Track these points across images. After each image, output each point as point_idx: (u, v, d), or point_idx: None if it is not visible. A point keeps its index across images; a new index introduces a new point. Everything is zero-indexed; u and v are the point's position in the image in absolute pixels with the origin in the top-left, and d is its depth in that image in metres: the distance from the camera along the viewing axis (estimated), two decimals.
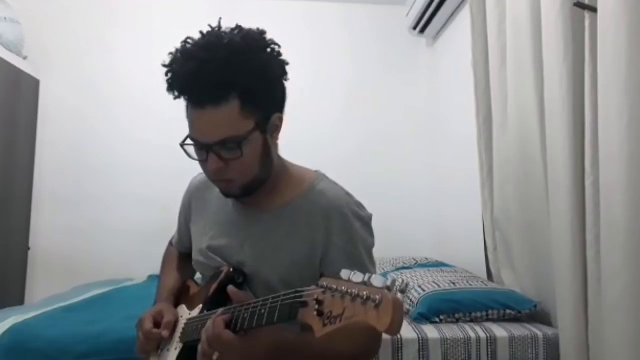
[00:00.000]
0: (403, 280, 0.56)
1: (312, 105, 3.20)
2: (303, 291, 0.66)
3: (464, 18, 2.54)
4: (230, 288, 0.85)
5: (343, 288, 0.57)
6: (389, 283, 0.54)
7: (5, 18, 2.82)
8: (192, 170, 1.16)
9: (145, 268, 2.76)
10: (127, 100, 3.23)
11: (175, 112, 1.15)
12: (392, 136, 3.41)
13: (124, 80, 3.24)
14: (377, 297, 0.52)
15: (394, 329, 0.50)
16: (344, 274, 0.59)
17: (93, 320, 1.81)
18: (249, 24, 0.93)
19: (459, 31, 2.81)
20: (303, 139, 2.65)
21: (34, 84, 3.08)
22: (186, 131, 0.91)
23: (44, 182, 3.13)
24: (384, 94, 3.44)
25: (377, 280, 0.55)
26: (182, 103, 0.92)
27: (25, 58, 3.02)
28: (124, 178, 3.19)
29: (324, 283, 0.62)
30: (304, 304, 0.64)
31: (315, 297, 0.61)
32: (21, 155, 2.97)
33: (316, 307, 0.60)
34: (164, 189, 3.02)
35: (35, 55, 3.09)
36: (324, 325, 0.59)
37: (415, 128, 3.42)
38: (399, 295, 0.53)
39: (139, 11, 3.32)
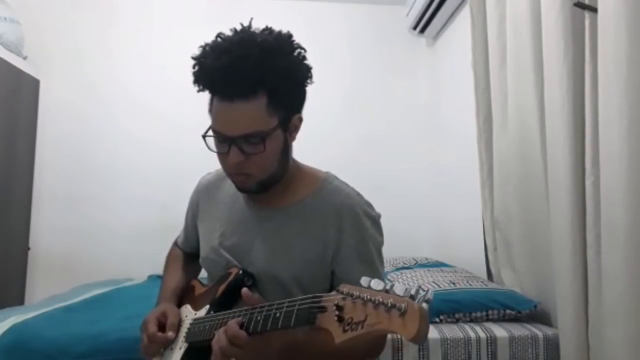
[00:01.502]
0: (428, 290, 0.56)
1: (312, 105, 3.18)
2: (321, 296, 0.66)
3: (464, 18, 2.54)
4: (245, 291, 0.85)
5: (365, 295, 0.57)
6: (412, 292, 0.54)
7: (5, 18, 2.82)
8: (192, 169, 1.16)
9: (145, 268, 2.76)
10: (127, 100, 3.23)
11: (175, 112, 1.15)
12: (392, 136, 3.41)
13: (124, 80, 3.24)
14: (403, 305, 0.52)
15: (421, 337, 0.50)
16: (364, 281, 0.59)
17: (93, 320, 1.81)
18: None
19: (459, 31, 2.81)
20: (303, 138, 2.64)
21: (34, 84, 3.08)
22: (186, 131, 0.92)
23: (44, 182, 3.13)
24: (384, 93, 3.44)
25: (399, 288, 0.54)
26: (182, 104, 0.92)
27: (25, 58, 3.02)
28: (124, 178, 3.19)
29: (344, 289, 0.61)
30: (323, 309, 0.64)
31: (335, 302, 0.61)
32: (21, 155, 2.97)
33: (336, 312, 0.60)
34: (163, 189, 3.03)
35: (35, 55, 3.09)
36: (344, 331, 0.58)
37: (415, 128, 3.42)
38: (424, 304, 0.52)
39: (138, 11, 3.31)
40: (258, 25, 0.93)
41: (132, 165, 3.19)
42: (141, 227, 3.09)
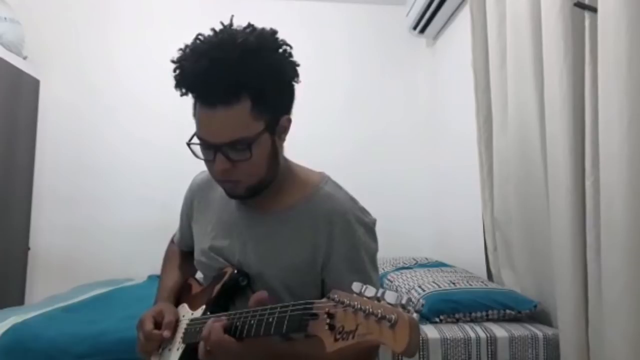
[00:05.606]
0: (419, 300, 0.55)
1: (312, 105, 3.20)
2: (313, 303, 0.65)
3: (464, 18, 2.54)
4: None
5: (355, 303, 0.56)
6: (403, 301, 0.52)
7: (5, 18, 2.82)
8: (192, 169, 1.16)
9: (145, 268, 2.76)
10: (127, 100, 3.23)
11: (175, 112, 1.15)
12: (392, 136, 3.41)
13: (124, 80, 3.24)
14: (393, 316, 0.50)
15: (411, 350, 0.49)
16: (355, 287, 0.58)
17: (93, 320, 1.81)
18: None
19: (459, 31, 2.81)
20: (303, 138, 2.64)
21: (34, 84, 3.08)
22: (186, 131, 0.91)
23: (44, 182, 3.13)
24: (384, 93, 3.44)
25: (390, 296, 0.53)
26: (182, 103, 0.91)
27: (25, 58, 3.02)
28: (124, 178, 3.19)
29: (335, 296, 0.60)
30: (314, 316, 0.63)
31: (327, 310, 0.60)
32: (21, 155, 2.97)
33: (327, 320, 0.59)
34: (164, 189, 3.03)
35: (35, 55, 3.09)
36: (336, 340, 0.57)
37: (415, 128, 3.42)
38: (415, 315, 0.51)
39: (138, 11, 3.32)
40: (241, 23, 0.88)
41: (132, 165, 3.19)
42: (141, 227, 3.08)
